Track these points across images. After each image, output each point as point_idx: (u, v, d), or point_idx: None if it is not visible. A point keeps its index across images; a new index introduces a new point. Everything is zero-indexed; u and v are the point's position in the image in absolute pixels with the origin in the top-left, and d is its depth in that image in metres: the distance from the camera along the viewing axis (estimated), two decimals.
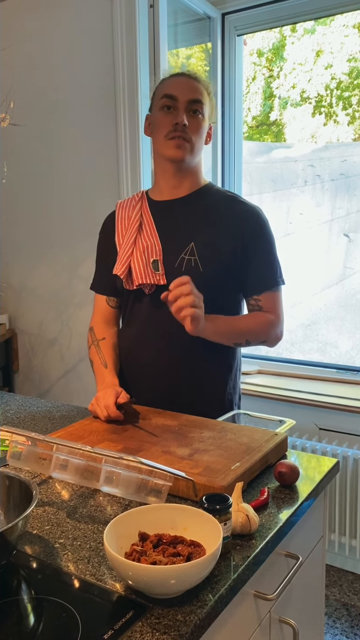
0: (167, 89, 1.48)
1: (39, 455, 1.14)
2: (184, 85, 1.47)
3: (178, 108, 1.45)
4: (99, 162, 2.66)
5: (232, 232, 1.47)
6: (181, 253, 1.46)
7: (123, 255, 1.52)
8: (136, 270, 1.48)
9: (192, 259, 1.45)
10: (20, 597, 0.82)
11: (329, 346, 2.89)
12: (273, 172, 3.16)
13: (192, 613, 0.75)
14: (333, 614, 2.17)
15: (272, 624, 1.01)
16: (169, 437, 1.24)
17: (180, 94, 1.46)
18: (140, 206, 1.56)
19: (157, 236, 1.50)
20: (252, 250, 1.47)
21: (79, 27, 2.61)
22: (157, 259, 1.47)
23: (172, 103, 1.46)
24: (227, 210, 1.50)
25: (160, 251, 1.48)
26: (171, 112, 1.46)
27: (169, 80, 1.51)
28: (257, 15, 2.56)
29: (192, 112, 1.46)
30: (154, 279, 1.47)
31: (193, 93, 1.46)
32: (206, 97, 1.49)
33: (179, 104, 1.45)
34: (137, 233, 1.52)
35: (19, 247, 3.03)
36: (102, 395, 1.40)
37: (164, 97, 1.47)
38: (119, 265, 1.52)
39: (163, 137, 1.46)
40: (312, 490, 1.10)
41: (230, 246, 1.46)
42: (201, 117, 1.47)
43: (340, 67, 2.90)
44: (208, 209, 1.51)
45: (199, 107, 1.46)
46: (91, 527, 0.97)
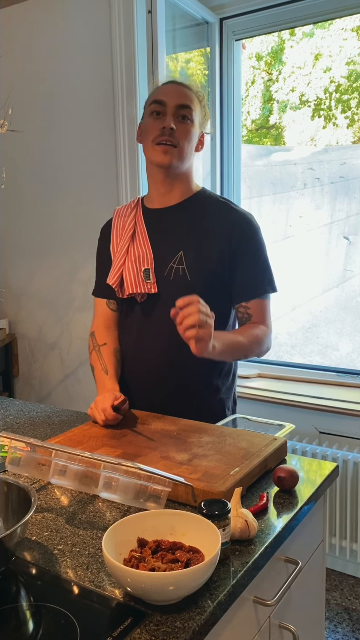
0: (156, 95, 1.50)
1: (37, 461, 1.14)
2: (172, 91, 1.49)
3: (166, 113, 1.46)
4: (98, 167, 2.66)
5: (220, 239, 1.47)
6: (170, 262, 1.48)
7: (116, 264, 1.54)
8: (128, 279, 1.50)
9: (181, 267, 1.46)
10: (19, 604, 0.81)
11: (329, 349, 2.88)
12: (272, 175, 3.16)
13: (190, 619, 0.75)
14: (334, 619, 2.16)
15: (272, 629, 1.00)
16: (167, 442, 1.24)
17: (169, 99, 1.47)
18: (134, 214, 1.58)
19: (149, 245, 1.51)
20: (241, 257, 1.47)
21: (77, 33, 2.61)
22: (149, 268, 1.48)
23: (160, 108, 1.47)
24: (217, 218, 1.50)
25: (151, 260, 1.49)
26: (159, 118, 1.47)
27: (159, 88, 1.53)
28: (255, 20, 2.57)
29: (180, 118, 1.46)
30: (145, 288, 1.48)
31: (181, 98, 1.47)
32: (196, 103, 1.50)
33: (167, 109, 1.46)
34: (130, 241, 1.54)
35: (18, 252, 3.04)
36: (100, 399, 1.41)
37: (152, 103, 1.49)
38: (111, 275, 1.54)
39: (151, 142, 1.47)
40: (311, 495, 1.10)
41: (218, 254, 1.46)
42: (190, 122, 1.47)
43: (339, 70, 2.91)
44: (198, 216, 1.51)
45: (187, 112, 1.46)
46: (90, 533, 0.97)
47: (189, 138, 1.47)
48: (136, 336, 1.55)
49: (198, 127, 1.51)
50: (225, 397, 1.56)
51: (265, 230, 1.55)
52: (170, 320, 1.45)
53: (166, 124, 1.44)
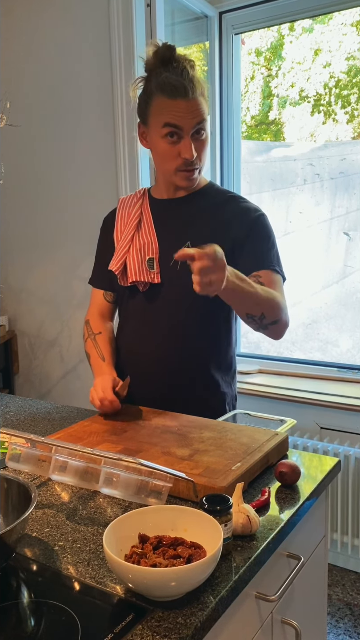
0: (169, 116, 1.36)
1: (38, 457, 1.14)
2: (186, 111, 1.35)
3: (183, 137, 1.37)
4: (97, 163, 2.65)
5: (228, 230, 1.44)
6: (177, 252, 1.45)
7: (119, 251, 1.52)
8: (131, 267, 1.49)
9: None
10: (19, 600, 0.81)
11: (329, 345, 2.88)
12: (272, 171, 3.15)
13: (192, 615, 0.74)
14: (336, 614, 2.16)
15: (274, 625, 1.00)
16: (168, 438, 1.23)
17: (184, 122, 1.36)
18: (141, 204, 1.56)
19: (154, 234, 1.50)
20: (249, 240, 1.43)
21: (76, 27, 2.60)
22: (153, 257, 1.47)
23: (176, 132, 1.37)
24: (226, 210, 1.48)
25: (156, 249, 1.48)
26: (176, 143, 1.38)
27: (165, 103, 1.37)
28: (254, 14, 2.56)
29: (196, 136, 1.38)
30: (148, 277, 1.47)
31: (196, 117, 1.36)
32: (205, 106, 1.40)
33: (184, 133, 1.37)
34: (136, 230, 1.52)
35: (18, 249, 3.03)
36: (100, 380, 1.43)
37: (166, 125, 1.37)
38: (114, 261, 1.52)
39: (173, 169, 1.42)
40: (313, 490, 1.09)
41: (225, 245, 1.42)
42: (205, 134, 1.41)
43: (339, 65, 2.90)
44: (207, 209, 1.49)
45: (203, 126, 1.39)
46: (91, 529, 0.96)
47: (207, 150, 1.44)
48: (137, 326, 1.54)
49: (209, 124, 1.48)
50: (226, 392, 1.55)
51: None
52: (172, 311, 1.47)
53: (189, 156, 1.37)
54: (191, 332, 1.48)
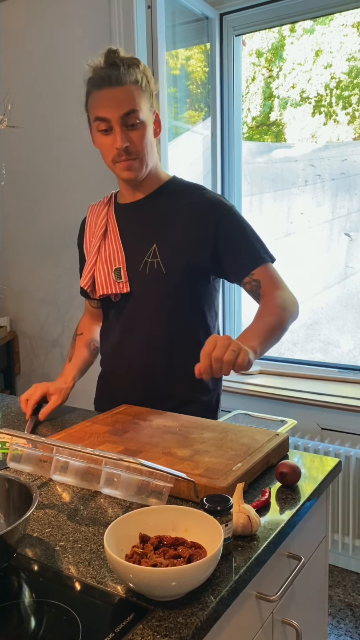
0: (96, 109, 1.37)
1: (39, 457, 1.14)
2: (111, 100, 1.34)
3: (114, 128, 1.36)
4: (98, 164, 2.65)
5: (195, 225, 1.42)
6: (144, 256, 1.44)
7: (88, 265, 1.52)
8: (99, 280, 1.48)
9: (155, 261, 1.42)
10: (20, 600, 0.81)
11: (331, 346, 2.88)
12: (273, 172, 3.16)
13: (193, 615, 0.75)
14: (337, 615, 2.16)
15: (275, 625, 1.00)
16: (169, 439, 1.24)
17: (111, 113, 1.34)
18: (106, 211, 1.56)
19: (119, 242, 1.48)
20: (226, 236, 1.41)
21: (77, 28, 2.61)
22: (120, 267, 1.45)
23: (106, 125, 1.36)
24: (189, 204, 1.44)
25: (122, 258, 1.46)
26: (109, 134, 1.37)
27: (95, 96, 1.38)
28: (255, 15, 2.56)
29: (129, 126, 1.36)
30: (116, 288, 1.46)
31: (122, 106, 1.34)
32: (139, 95, 1.36)
33: (113, 123, 1.35)
34: (102, 240, 1.52)
35: (19, 250, 3.03)
36: (33, 388, 1.52)
37: (96, 120, 1.38)
38: (84, 276, 1.53)
39: (110, 161, 1.42)
40: (313, 491, 1.09)
41: (194, 241, 1.42)
42: (140, 123, 1.36)
43: (340, 66, 2.90)
44: (170, 207, 1.46)
45: (134, 117, 1.35)
46: (92, 530, 0.97)
47: (145, 141, 1.39)
48: (115, 336, 1.54)
49: (149, 116, 1.39)
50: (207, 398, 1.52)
51: (266, 227, 1.52)
52: (146, 318, 1.46)
53: (118, 146, 1.35)
54: (169, 339, 1.46)
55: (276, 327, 1.32)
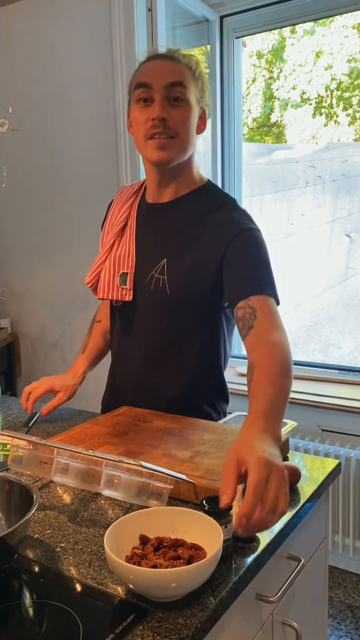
0: (140, 76, 1.27)
1: (40, 459, 1.14)
2: (158, 69, 1.25)
3: (154, 99, 1.23)
4: (99, 165, 2.66)
5: (208, 249, 1.28)
6: (152, 269, 1.33)
7: (96, 261, 1.41)
8: (102, 282, 1.38)
9: (161, 278, 1.31)
10: (21, 601, 0.82)
11: (331, 347, 2.88)
12: (274, 173, 3.16)
13: (193, 616, 0.75)
14: (337, 616, 2.16)
15: (275, 626, 1.00)
16: (169, 440, 1.24)
17: (155, 80, 1.23)
18: (131, 203, 1.43)
19: (133, 246, 1.37)
20: (231, 258, 1.25)
21: (78, 31, 2.61)
22: (127, 272, 1.35)
23: (147, 93, 1.24)
24: (211, 222, 1.29)
25: (132, 264, 1.35)
26: (148, 105, 1.25)
27: (142, 67, 1.29)
28: (255, 18, 2.57)
29: (172, 100, 1.24)
30: (118, 294, 1.36)
31: (170, 75, 1.23)
32: (190, 78, 1.26)
33: (155, 93, 1.23)
34: (118, 237, 1.41)
35: (20, 251, 3.04)
36: (40, 382, 1.49)
37: (137, 86, 1.26)
38: (90, 272, 1.42)
39: (142, 137, 1.26)
40: (313, 492, 1.10)
41: (204, 267, 1.28)
42: (184, 102, 1.24)
43: (340, 67, 2.91)
44: (192, 218, 1.32)
45: (180, 91, 1.23)
46: (92, 531, 0.97)
47: (188, 123, 1.25)
48: (115, 340, 1.50)
49: (196, 104, 1.28)
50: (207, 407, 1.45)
51: (266, 228, 1.36)
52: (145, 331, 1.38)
53: (155, 115, 1.21)
54: (165, 360, 1.38)
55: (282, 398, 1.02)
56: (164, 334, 1.37)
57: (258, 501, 0.79)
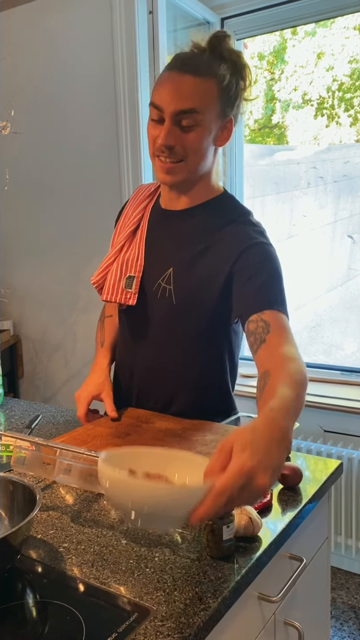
0: (155, 92, 1.20)
1: (42, 460, 1.15)
2: (172, 90, 1.16)
3: (164, 120, 1.18)
4: (101, 168, 2.67)
5: (218, 262, 1.25)
6: (159, 278, 1.31)
7: (105, 262, 1.40)
8: (108, 283, 1.36)
9: (168, 288, 1.29)
10: (24, 601, 0.82)
11: (334, 348, 2.88)
12: (276, 174, 3.17)
13: (195, 615, 0.75)
14: (340, 617, 2.16)
15: (277, 626, 1.01)
16: (171, 441, 1.24)
17: (166, 104, 1.16)
18: (145, 205, 1.41)
19: (143, 249, 1.35)
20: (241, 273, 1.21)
21: (79, 34, 2.62)
22: (134, 276, 1.32)
23: (158, 115, 1.19)
24: (222, 234, 1.26)
25: (140, 267, 1.33)
26: (158, 125, 1.20)
27: (160, 80, 1.21)
28: (256, 20, 2.57)
29: (182, 127, 1.17)
30: (123, 298, 1.34)
31: (180, 102, 1.15)
32: (211, 95, 1.17)
33: (165, 115, 1.17)
34: (128, 239, 1.39)
35: (22, 253, 3.05)
36: (77, 397, 1.45)
37: (150, 105, 1.21)
38: (97, 272, 1.39)
39: (151, 154, 1.25)
40: (315, 492, 1.10)
41: (211, 282, 1.25)
42: (197, 127, 1.18)
43: (342, 68, 2.91)
44: (203, 229, 1.29)
45: (189, 119, 1.16)
46: (95, 531, 0.97)
47: (199, 146, 1.20)
48: (121, 342, 1.49)
49: (215, 118, 1.20)
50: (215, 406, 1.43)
51: (268, 230, 1.32)
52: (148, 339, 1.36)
53: (160, 142, 1.18)
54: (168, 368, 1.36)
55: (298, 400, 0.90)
56: (168, 344, 1.35)
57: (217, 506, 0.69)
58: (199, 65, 1.17)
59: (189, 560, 0.88)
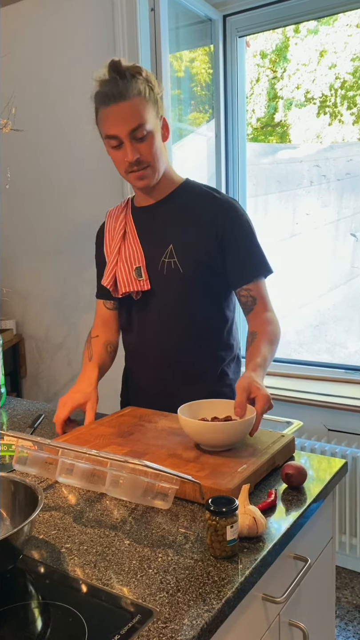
0: (106, 128, 1.41)
1: (45, 459, 1.14)
2: (118, 118, 1.38)
3: (123, 143, 1.40)
4: (103, 167, 2.66)
5: (207, 228, 1.48)
6: (162, 256, 1.50)
7: (109, 265, 1.57)
8: (120, 279, 1.53)
9: (172, 261, 1.48)
10: (27, 602, 0.81)
11: (337, 347, 2.87)
12: (278, 173, 3.15)
13: (199, 617, 0.75)
14: (345, 617, 2.15)
15: (282, 627, 1.00)
16: (175, 440, 1.24)
17: (119, 130, 1.38)
18: (124, 214, 1.60)
19: (138, 243, 1.54)
20: (230, 242, 1.48)
21: (80, 31, 2.62)
22: (140, 266, 1.51)
23: (117, 141, 1.40)
24: (202, 207, 1.50)
25: (142, 257, 1.52)
26: (120, 149, 1.42)
27: (103, 114, 1.41)
28: (258, 17, 2.56)
29: (138, 139, 1.39)
30: (137, 286, 1.51)
31: (129, 122, 1.37)
32: (144, 105, 1.39)
33: (122, 138, 1.39)
34: (122, 242, 1.57)
35: (24, 253, 3.05)
36: (62, 402, 1.49)
37: (106, 138, 1.43)
38: (105, 276, 1.57)
39: (123, 172, 1.46)
40: (320, 492, 1.09)
41: (206, 243, 1.48)
42: (147, 134, 1.39)
43: (344, 66, 2.90)
44: (184, 208, 1.52)
45: (141, 131, 1.38)
46: (97, 532, 0.97)
47: (154, 150, 1.43)
48: (136, 333, 1.58)
49: (156, 124, 1.43)
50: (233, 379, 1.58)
51: (271, 228, 1.48)
52: (167, 315, 1.52)
53: (129, 159, 1.40)
54: (190, 332, 1.52)
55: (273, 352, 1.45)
56: (186, 312, 1.51)
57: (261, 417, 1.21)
58: (121, 91, 1.37)
59: (193, 560, 0.87)
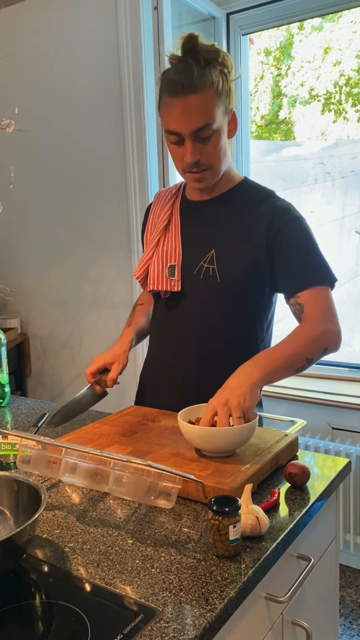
0: (167, 121, 1.31)
1: (48, 459, 1.14)
2: (182, 114, 1.26)
3: (185, 142, 1.30)
4: (107, 166, 2.66)
5: (257, 235, 1.36)
6: (201, 260, 1.41)
7: (144, 257, 1.50)
8: (152, 274, 1.47)
9: (211, 267, 1.39)
10: (30, 601, 0.82)
11: (342, 345, 2.86)
12: (283, 170, 3.14)
13: (201, 616, 0.75)
14: (349, 615, 2.15)
15: (285, 626, 1.00)
16: (178, 439, 1.24)
17: (182, 127, 1.28)
18: (172, 203, 1.51)
19: (179, 240, 1.45)
20: (280, 252, 1.35)
21: (83, 30, 2.61)
22: (175, 265, 1.43)
23: (178, 138, 1.30)
24: (255, 211, 1.39)
25: (179, 256, 1.44)
26: (180, 146, 1.32)
27: (166, 103, 1.30)
28: (261, 14, 2.56)
29: (202, 139, 1.29)
30: (167, 285, 1.44)
31: (193, 122, 1.26)
32: (215, 100, 1.27)
33: (184, 137, 1.29)
34: (163, 234, 1.49)
35: (29, 252, 3.05)
36: (95, 359, 1.54)
37: (166, 132, 1.32)
38: (138, 267, 1.51)
39: (181, 171, 1.38)
40: (323, 491, 1.09)
41: (252, 255, 1.36)
42: (212, 133, 1.29)
43: (349, 63, 2.89)
44: (236, 211, 1.41)
45: (206, 131, 1.28)
46: (101, 531, 0.97)
47: (218, 150, 1.33)
48: (157, 331, 1.55)
49: (223, 119, 1.31)
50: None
51: None
52: (190, 324, 1.44)
53: (188, 160, 1.31)
54: (213, 344, 1.42)
55: (295, 359, 1.25)
56: (213, 323, 1.42)
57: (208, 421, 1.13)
58: (193, 81, 1.24)
59: (195, 560, 0.87)
